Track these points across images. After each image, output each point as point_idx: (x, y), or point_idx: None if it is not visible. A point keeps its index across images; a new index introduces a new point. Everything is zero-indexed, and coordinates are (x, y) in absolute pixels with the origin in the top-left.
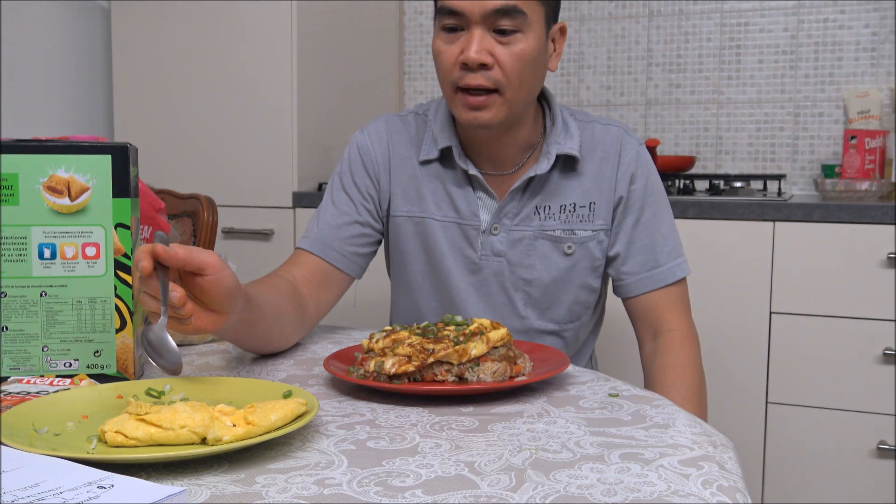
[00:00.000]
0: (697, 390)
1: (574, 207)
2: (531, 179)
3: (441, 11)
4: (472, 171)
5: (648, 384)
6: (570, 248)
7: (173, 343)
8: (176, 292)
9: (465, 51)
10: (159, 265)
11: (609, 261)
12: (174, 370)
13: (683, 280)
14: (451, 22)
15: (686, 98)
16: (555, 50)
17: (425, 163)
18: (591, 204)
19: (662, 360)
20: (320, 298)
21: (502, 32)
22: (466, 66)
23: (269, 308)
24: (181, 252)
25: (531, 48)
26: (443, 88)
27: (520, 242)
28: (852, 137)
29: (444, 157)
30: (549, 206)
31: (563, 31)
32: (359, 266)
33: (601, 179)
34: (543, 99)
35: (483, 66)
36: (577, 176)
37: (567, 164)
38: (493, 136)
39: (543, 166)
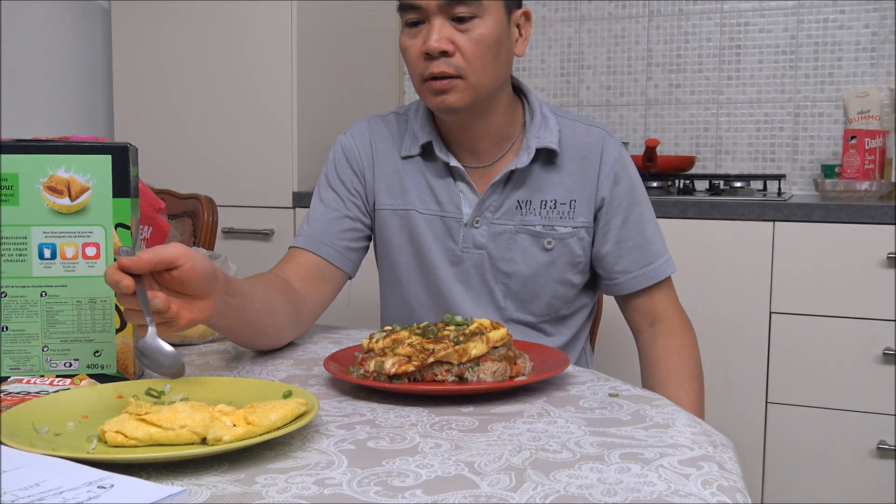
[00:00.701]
0: (699, 372)
1: (555, 204)
2: (512, 173)
3: (402, 8)
4: (454, 162)
5: (650, 367)
6: (549, 243)
7: (168, 346)
8: (157, 299)
9: (427, 41)
10: (134, 277)
11: (597, 260)
12: (175, 373)
13: (670, 276)
14: (412, 16)
15: (686, 98)
16: (521, 35)
17: (407, 158)
18: (571, 202)
19: (665, 341)
20: (315, 296)
21: (460, 20)
22: (429, 56)
23: (258, 294)
24: (147, 255)
25: (490, 32)
26: (413, 83)
27: (501, 236)
28: (852, 137)
29: (426, 152)
30: (531, 201)
31: (527, 16)
32: (351, 262)
33: (583, 178)
34: (521, 92)
35: (444, 54)
36: (557, 171)
37: (548, 158)
38: (466, 124)
39: (523, 160)
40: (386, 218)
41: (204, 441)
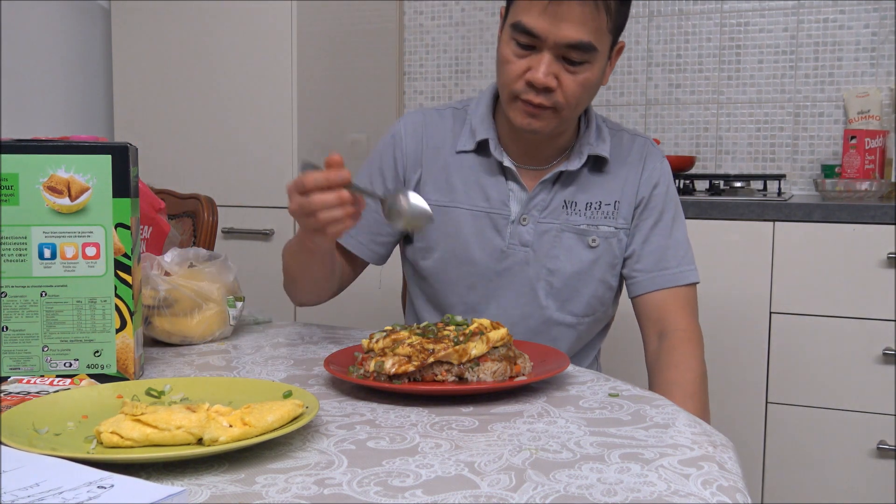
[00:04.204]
0: (698, 389)
1: (600, 205)
2: (561, 174)
3: (516, 28)
4: (507, 162)
5: (651, 383)
6: (594, 241)
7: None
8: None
9: (533, 70)
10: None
11: (624, 260)
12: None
13: (693, 286)
14: (524, 40)
15: (686, 98)
16: (610, 65)
17: (461, 153)
18: (615, 202)
19: (666, 358)
20: (343, 271)
21: (571, 62)
22: (531, 85)
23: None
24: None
25: (595, 77)
26: (501, 92)
27: (546, 234)
28: (852, 137)
29: (480, 149)
30: (576, 203)
31: (620, 49)
32: (377, 255)
33: (626, 182)
34: None
35: (547, 89)
36: (604, 176)
37: (596, 164)
38: (538, 139)
39: (575, 164)
40: None
41: (200, 442)
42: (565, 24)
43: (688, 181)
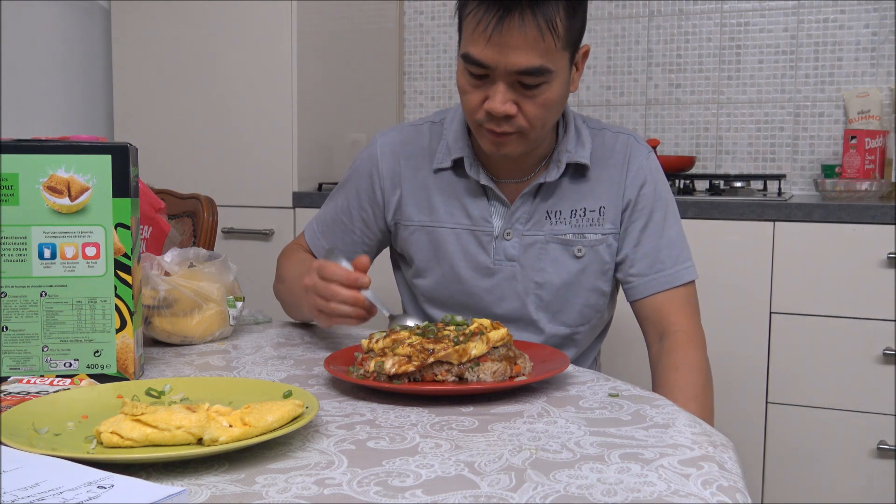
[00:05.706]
0: (701, 391)
1: (584, 212)
2: (541, 185)
3: (467, 60)
4: (484, 180)
5: (654, 386)
6: (580, 251)
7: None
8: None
9: (490, 100)
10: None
11: (617, 265)
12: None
13: (691, 284)
14: (476, 70)
15: (686, 98)
16: (577, 70)
17: (439, 171)
18: (600, 208)
19: (667, 360)
20: None
21: (526, 86)
22: (491, 114)
23: None
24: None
25: (556, 93)
26: (467, 120)
27: (532, 247)
28: (852, 137)
29: (457, 166)
30: (560, 212)
31: (585, 53)
32: None
33: (610, 185)
34: None
35: (507, 116)
36: (587, 182)
37: (577, 170)
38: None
39: (553, 174)
40: (413, 234)
41: (200, 442)
42: (512, 51)
43: (688, 181)
